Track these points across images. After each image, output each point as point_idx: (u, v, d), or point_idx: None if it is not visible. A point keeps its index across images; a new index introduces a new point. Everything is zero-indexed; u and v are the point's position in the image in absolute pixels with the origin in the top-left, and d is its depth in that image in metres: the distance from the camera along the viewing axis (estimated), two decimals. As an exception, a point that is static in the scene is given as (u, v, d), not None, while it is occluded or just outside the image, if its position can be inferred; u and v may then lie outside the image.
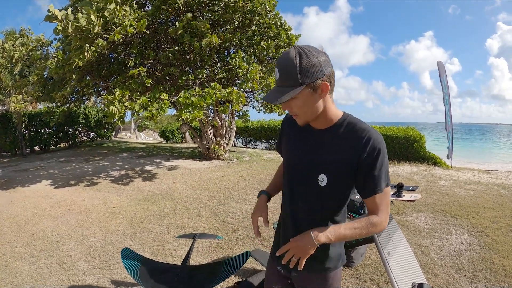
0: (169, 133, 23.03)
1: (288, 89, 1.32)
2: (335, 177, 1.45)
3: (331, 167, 1.45)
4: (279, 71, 1.34)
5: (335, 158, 1.44)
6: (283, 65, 1.32)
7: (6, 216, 5.96)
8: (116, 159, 11.91)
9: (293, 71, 1.29)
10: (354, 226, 1.43)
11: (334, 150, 1.45)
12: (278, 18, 9.84)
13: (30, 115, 14.89)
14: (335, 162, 1.44)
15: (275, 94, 1.35)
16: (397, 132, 10.37)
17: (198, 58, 8.96)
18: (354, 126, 1.43)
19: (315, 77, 1.30)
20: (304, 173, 1.52)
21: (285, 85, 1.33)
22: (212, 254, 4.22)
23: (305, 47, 1.33)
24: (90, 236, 4.94)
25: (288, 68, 1.31)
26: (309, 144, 1.52)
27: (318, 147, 1.49)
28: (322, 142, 1.48)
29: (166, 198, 6.79)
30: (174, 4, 8.13)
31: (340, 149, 1.43)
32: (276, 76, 1.36)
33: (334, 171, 1.45)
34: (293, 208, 1.60)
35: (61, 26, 6.55)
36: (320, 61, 1.31)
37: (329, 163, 1.45)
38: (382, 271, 3.51)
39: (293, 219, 1.60)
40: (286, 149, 1.64)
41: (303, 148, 1.54)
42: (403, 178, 7.59)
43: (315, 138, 1.51)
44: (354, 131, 1.42)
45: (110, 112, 6.96)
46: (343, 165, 1.43)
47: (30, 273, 3.89)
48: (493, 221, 4.85)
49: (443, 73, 9.29)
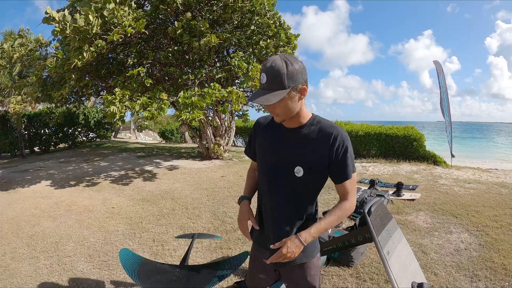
0: (168, 133, 23.03)
1: (275, 92, 1.51)
2: (309, 168, 1.66)
3: (305, 160, 1.67)
4: (266, 76, 1.52)
5: (309, 152, 1.67)
6: (271, 71, 1.51)
7: (6, 216, 5.95)
8: (115, 160, 11.91)
9: (281, 77, 1.50)
10: (331, 219, 1.69)
11: (308, 145, 1.67)
12: (277, 17, 9.82)
13: (30, 115, 14.90)
14: (309, 155, 1.67)
15: (264, 96, 1.52)
16: (397, 131, 10.36)
17: (197, 58, 8.95)
18: (323, 124, 1.68)
19: (298, 82, 1.54)
20: (283, 167, 1.71)
21: (273, 89, 1.52)
22: (212, 254, 4.22)
23: (288, 56, 1.55)
24: (90, 237, 4.94)
25: (276, 74, 1.50)
26: (285, 141, 1.73)
27: (293, 144, 1.70)
28: (296, 139, 1.70)
29: (166, 198, 6.79)
30: (172, 4, 8.13)
31: (313, 144, 1.66)
32: (263, 80, 1.54)
33: (309, 163, 1.66)
34: (273, 200, 1.77)
35: (59, 27, 6.55)
36: (300, 69, 1.54)
37: (304, 157, 1.67)
38: (382, 270, 3.51)
39: (274, 210, 1.77)
40: (262, 149, 1.82)
41: (280, 146, 1.74)
42: (403, 177, 7.59)
43: (289, 136, 1.72)
44: (324, 128, 1.66)
45: (110, 112, 6.96)
46: (316, 158, 1.66)
47: (30, 274, 3.88)
48: (493, 220, 4.84)
49: (441, 72, 9.29)
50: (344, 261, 3.69)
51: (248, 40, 9.58)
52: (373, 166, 9.14)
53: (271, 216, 1.79)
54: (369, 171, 8.51)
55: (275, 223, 1.77)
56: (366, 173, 8.22)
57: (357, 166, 9.17)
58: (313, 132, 1.68)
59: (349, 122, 12.86)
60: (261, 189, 1.88)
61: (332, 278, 3.47)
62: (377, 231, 2.49)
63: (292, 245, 1.62)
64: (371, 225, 2.47)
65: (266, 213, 1.82)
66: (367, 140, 10.77)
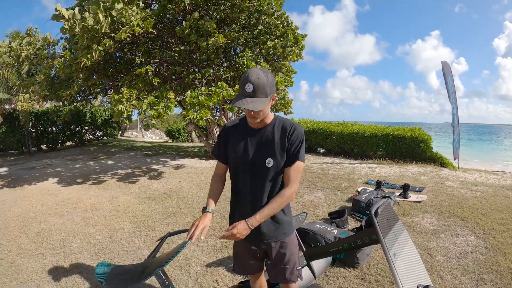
0: (175, 132, 23.09)
1: (261, 99, 1.88)
2: (277, 158, 2.03)
3: (274, 152, 2.03)
4: (253, 86, 1.85)
5: (276, 145, 2.03)
6: (258, 82, 1.85)
7: (13, 213, 6.00)
8: (122, 158, 11.96)
9: (265, 87, 1.88)
10: (273, 206, 2.00)
11: (274, 140, 2.04)
12: (285, 17, 9.80)
13: (37, 113, 15.00)
14: (276, 148, 2.03)
15: (253, 104, 1.86)
16: (404, 132, 10.30)
17: (204, 57, 8.96)
18: (284, 122, 2.08)
19: (273, 91, 1.95)
20: (255, 161, 2.05)
21: (260, 97, 1.88)
22: (217, 253, 4.23)
23: (265, 69, 1.92)
24: (96, 234, 4.97)
25: (261, 85, 1.86)
26: (255, 140, 2.07)
27: (262, 140, 2.06)
28: (264, 136, 2.06)
29: (172, 197, 6.81)
30: (180, 4, 8.14)
31: (277, 138, 2.04)
32: (249, 89, 1.86)
33: (277, 154, 2.03)
34: (247, 190, 2.09)
35: (68, 25, 6.59)
36: (274, 80, 1.96)
37: (272, 150, 2.03)
38: (387, 272, 3.50)
39: (250, 197, 2.09)
40: (234, 148, 2.11)
41: (251, 143, 2.08)
42: (410, 179, 7.56)
43: (258, 135, 2.07)
44: (285, 125, 2.06)
45: (118, 110, 6.99)
46: (280, 149, 2.03)
47: (36, 270, 3.91)
48: (500, 223, 4.81)
49: (448, 73, 9.21)
50: (350, 262, 3.69)
51: (256, 40, 9.57)
52: (380, 167, 9.11)
53: (250, 202, 2.09)
54: (375, 172, 8.48)
55: (253, 207, 2.03)
56: (372, 174, 8.19)
57: (363, 167, 9.15)
58: (276, 129, 2.06)
59: (355, 122, 12.81)
60: (236, 182, 2.17)
61: (338, 280, 3.46)
62: (384, 233, 2.48)
63: (242, 228, 1.93)
64: (378, 226, 2.46)
65: (244, 202, 2.13)
66: (374, 141, 10.72)
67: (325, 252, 2.99)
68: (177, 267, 3.88)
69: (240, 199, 2.17)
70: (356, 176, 7.95)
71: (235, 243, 2.34)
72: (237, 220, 2.03)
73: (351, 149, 11.34)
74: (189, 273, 3.74)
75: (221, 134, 2.22)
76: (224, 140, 2.19)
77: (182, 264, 3.95)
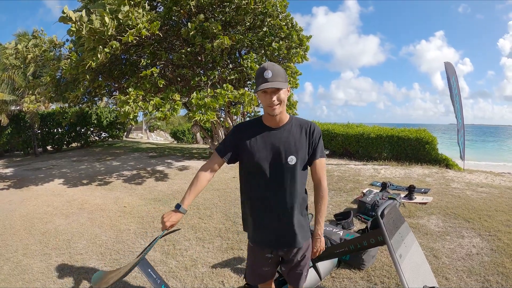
0: (180, 134, 23.14)
1: (282, 83, 1.91)
2: (299, 156, 2.01)
3: (295, 149, 2.01)
4: (272, 72, 1.88)
5: (296, 143, 2.02)
6: (275, 68, 1.90)
7: (19, 214, 6.04)
8: (127, 159, 12.00)
9: (284, 74, 1.94)
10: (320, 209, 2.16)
11: (294, 138, 2.03)
12: (290, 19, 9.81)
13: (43, 115, 15.09)
14: (296, 145, 2.02)
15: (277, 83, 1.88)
16: (409, 133, 10.27)
17: (210, 59, 8.98)
18: (301, 121, 2.11)
19: (287, 82, 1.97)
20: (277, 160, 2.01)
21: (280, 81, 1.90)
22: (223, 254, 4.24)
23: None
24: (102, 235, 4.99)
25: (280, 71, 1.92)
26: (274, 138, 2.03)
27: (282, 139, 2.03)
28: (283, 135, 2.04)
29: (177, 198, 6.82)
30: (186, 6, 8.17)
31: (298, 136, 2.04)
32: (268, 75, 1.87)
33: (298, 151, 2.01)
34: (272, 190, 2.04)
35: (75, 27, 6.62)
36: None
37: (294, 147, 2.01)
38: (393, 274, 3.49)
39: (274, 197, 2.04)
40: (252, 149, 2.05)
41: (270, 143, 2.03)
42: (415, 180, 7.54)
43: (277, 134, 2.04)
44: (303, 124, 2.09)
45: (124, 112, 7.02)
46: (302, 146, 2.03)
47: (41, 271, 3.94)
48: (505, 225, 4.79)
49: (452, 74, 9.16)
50: (355, 264, 3.69)
51: (261, 41, 9.58)
52: (385, 168, 9.09)
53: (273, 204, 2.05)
54: (380, 173, 8.47)
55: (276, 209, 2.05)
56: (378, 176, 8.18)
57: (368, 168, 9.15)
58: (294, 127, 2.06)
59: (360, 124, 12.79)
60: (253, 184, 2.11)
61: (343, 281, 3.46)
62: (390, 234, 2.48)
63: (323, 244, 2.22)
64: (384, 228, 2.46)
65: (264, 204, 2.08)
66: (379, 143, 10.70)
67: (331, 253, 2.99)
68: (183, 268, 3.89)
69: (259, 202, 2.10)
70: (361, 178, 7.95)
71: (251, 253, 2.31)
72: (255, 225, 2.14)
73: (356, 151, 11.32)
74: (195, 274, 3.75)
75: (233, 133, 2.16)
76: (234, 139, 2.13)
77: (188, 265, 3.96)
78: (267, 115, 2.04)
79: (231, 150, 2.12)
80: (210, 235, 4.90)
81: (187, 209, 2.08)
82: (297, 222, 2.08)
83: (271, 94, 1.90)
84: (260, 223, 2.10)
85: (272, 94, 1.90)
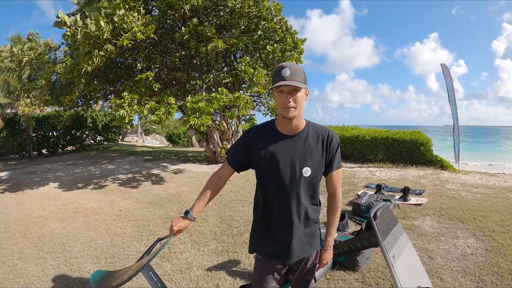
0: (175, 137, 23.10)
1: (301, 83, 1.75)
2: (314, 167, 1.89)
3: (311, 160, 1.89)
4: (290, 70, 1.74)
5: (312, 152, 1.89)
6: (294, 67, 1.77)
7: (14, 217, 6.02)
8: (123, 163, 11.98)
9: (301, 73, 1.79)
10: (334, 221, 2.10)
11: (310, 147, 1.90)
12: (284, 22, 9.84)
13: (38, 118, 15.02)
14: (312, 155, 1.89)
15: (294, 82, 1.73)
16: (404, 135, 10.32)
17: (204, 62, 9.00)
18: (318, 128, 1.96)
19: (306, 83, 1.82)
20: (291, 171, 1.88)
21: (297, 80, 1.75)
22: (218, 257, 4.24)
23: None
24: (97, 239, 4.98)
25: (298, 70, 1.78)
26: (289, 147, 1.90)
27: (298, 148, 1.89)
28: (298, 143, 1.90)
29: (173, 201, 6.82)
30: (180, 10, 8.18)
31: (314, 145, 1.90)
32: (286, 73, 1.74)
33: (314, 162, 1.89)
34: (284, 201, 1.92)
35: (70, 32, 6.62)
36: None
37: (309, 157, 1.89)
38: (387, 275, 3.51)
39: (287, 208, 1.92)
40: (263, 157, 1.93)
41: (285, 152, 1.89)
42: (410, 182, 7.57)
43: (292, 142, 1.91)
44: (320, 131, 1.94)
45: (119, 115, 7.01)
46: (318, 156, 1.91)
47: (37, 274, 3.93)
48: (500, 225, 4.82)
49: (447, 76, 9.24)
50: (350, 265, 3.70)
51: (255, 44, 9.60)
52: (380, 170, 9.12)
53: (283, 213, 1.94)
54: (375, 175, 8.50)
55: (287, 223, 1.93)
56: (372, 178, 8.21)
57: (363, 170, 9.18)
58: (311, 135, 1.92)
59: (355, 126, 12.83)
60: (266, 195, 1.98)
61: (338, 283, 3.47)
62: (383, 235, 2.50)
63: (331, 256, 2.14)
64: (376, 229, 2.48)
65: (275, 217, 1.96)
66: (374, 145, 10.74)
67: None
68: (178, 271, 3.89)
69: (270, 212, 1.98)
70: (356, 180, 7.97)
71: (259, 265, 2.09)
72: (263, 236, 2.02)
73: (351, 153, 11.36)
74: (190, 277, 3.75)
75: (244, 139, 2.04)
76: (245, 146, 2.02)
77: (183, 268, 3.96)
78: (282, 119, 1.89)
79: (241, 159, 2.05)
80: (205, 238, 4.90)
81: (196, 216, 2.08)
82: (309, 232, 2.01)
83: (287, 94, 1.77)
84: (271, 234, 2.00)
85: (288, 94, 1.77)
